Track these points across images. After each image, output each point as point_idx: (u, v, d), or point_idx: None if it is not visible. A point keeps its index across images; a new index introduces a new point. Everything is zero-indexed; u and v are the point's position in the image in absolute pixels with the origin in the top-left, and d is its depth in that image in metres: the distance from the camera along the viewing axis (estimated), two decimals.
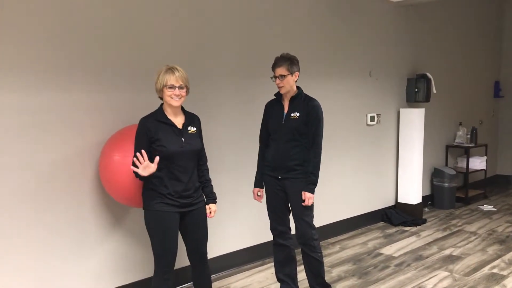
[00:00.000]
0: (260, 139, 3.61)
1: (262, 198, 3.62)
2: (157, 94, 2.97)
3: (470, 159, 6.93)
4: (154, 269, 2.98)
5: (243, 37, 4.25)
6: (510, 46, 8.12)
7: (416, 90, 6.06)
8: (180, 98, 2.90)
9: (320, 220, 5.09)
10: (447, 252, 4.81)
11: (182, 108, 3.02)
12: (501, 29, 8.19)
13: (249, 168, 4.30)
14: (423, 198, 6.26)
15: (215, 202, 3.16)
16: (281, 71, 3.32)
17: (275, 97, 3.52)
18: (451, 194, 6.61)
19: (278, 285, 3.70)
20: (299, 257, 3.56)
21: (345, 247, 4.98)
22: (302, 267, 3.58)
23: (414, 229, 5.65)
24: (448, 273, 4.23)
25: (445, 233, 5.46)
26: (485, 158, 7.16)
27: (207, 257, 3.15)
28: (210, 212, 3.14)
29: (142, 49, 3.56)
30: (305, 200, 3.37)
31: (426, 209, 6.52)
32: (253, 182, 3.64)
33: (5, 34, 2.90)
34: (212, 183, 3.17)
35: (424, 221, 5.91)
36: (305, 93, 3.47)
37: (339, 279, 4.12)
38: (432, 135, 6.59)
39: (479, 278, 4.11)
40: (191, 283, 3.33)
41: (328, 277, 4.11)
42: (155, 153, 2.85)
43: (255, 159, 3.63)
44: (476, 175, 7.34)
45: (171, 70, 2.88)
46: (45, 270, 3.17)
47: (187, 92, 2.95)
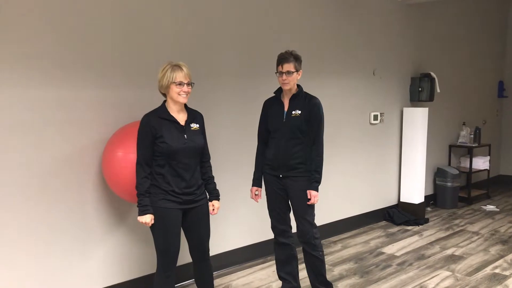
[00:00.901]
0: (259, 137, 3.56)
1: (260, 197, 3.58)
2: (160, 90, 2.96)
3: (473, 159, 6.92)
4: (157, 265, 2.98)
5: (246, 35, 4.25)
6: None
7: (420, 89, 6.05)
8: (187, 95, 2.91)
9: (322, 218, 5.09)
10: (449, 251, 4.80)
11: (185, 105, 3.02)
12: (506, 28, 8.16)
13: (250, 166, 4.28)
14: (425, 197, 6.25)
15: (218, 199, 3.16)
16: (289, 67, 3.27)
17: (274, 94, 3.49)
18: (454, 193, 6.61)
19: (280, 283, 3.70)
20: (300, 255, 3.56)
21: (347, 246, 4.98)
22: (303, 265, 3.58)
23: (416, 228, 5.65)
24: (450, 273, 4.23)
25: (447, 233, 5.46)
26: (488, 158, 7.14)
27: (209, 254, 3.15)
28: (213, 209, 3.14)
29: (145, 47, 3.56)
30: (310, 199, 3.34)
31: (429, 209, 6.51)
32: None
33: (10, 31, 2.91)
34: (215, 180, 3.17)
35: (427, 221, 5.90)
36: (304, 91, 3.44)
37: (341, 277, 4.13)
38: (435, 134, 6.58)
39: (481, 278, 4.10)
40: (193, 280, 3.34)
41: (329, 276, 4.11)
42: (157, 150, 2.86)
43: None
44: (479, 175, 7.32)
45: (178, 67, 2.88)
46: (48, 266, 3.18)
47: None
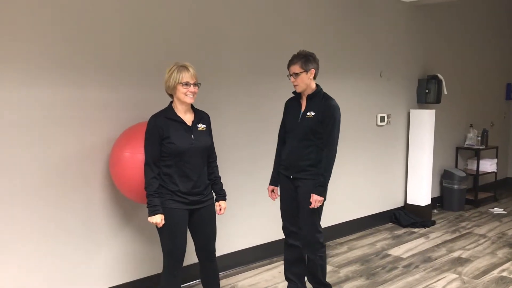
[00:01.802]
0: (279, 136, 3.54)
1: (276, 196, 3.55)
2: (167, 91, 2.98)
3: (481, 161, 6.88)
4: (163, 265, 2.99)
5: (253, 36, 4.26)
6: None
7: (427, 91, 6.03)
8: (194, 95, 2.92)
9: (328, 220, 5.09)
10: (456, 254, 4.78)
11: (192, 106, 3.03)
12: None
13: (257, 166, 4.31)
14: (432, 199, 6.22)
15: (225, 199, 3.17)
16: (294, 69, 3.26)
17: (293, 94, 3.45)
18: (461, 196, 6.58)
19: (286, 284, 3.70)
20: None
21: (353, 248, 4.97)
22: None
23: (422, 230, 5.63)
24: (457, 276, 4.21)
25: (454, 235, 5.43)
26: (495, 160, 7.10)
27: (215, 255, 3.15)
28: (220, 209, 3.15)
29: (153, 47, 3.58)
30: (312, 202, 3.26)
31: (435, 211, 6.49)
32: (261, 180, 3.64)
33: (19, 31, 2.93)
34: (221, 181, 3.18)
35: (433, 223, 5.88)
36: (324, 91, 3.37)
37: (347, 279, 4.12)
38: (442, 136, 6.56)
39: (488, 281, 4.08)
40: (199, 280, 3.34)
41: (335, 277, 4.11)
42: (165, 151, 2.87)
43: (263, 158, 3.64)
44: (486, 177, 7.29)
45: (185, 67, 2.89)
46: (54, 264, 3.20)
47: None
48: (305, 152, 3.30)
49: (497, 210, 6.59)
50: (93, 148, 3.31)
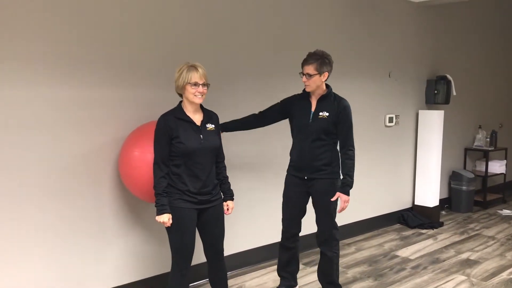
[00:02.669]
0: (264, 111, 3.54)
1: None
2: (177, 91, 2.99)
3: (489, 163, 6.84)
4: (172, 264, 3.00)
5: (262, 36, 4.26)
6: None
7: (436, 92, 6.00)
8: (203, 96, 2.92)
9: (336, 220, 5.08)
10: (464, 256, 4.76)
11: (201, 106, 3.04)
12: None
13: (265, 166, 4.31)
14: (440, 201, 6.19)
15: (232, 199, 3.18)
16: (308, 69, 3.24)
17: (303, 92, 3.44)
18: (469, 197, 6.54)
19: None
20: (310, 258, 3.56)
21: (361, 248, 4.96)
22: (305, 264, 3.57)
23: (431, 232, 5.60)
24: (466, 277, 4.19)
25: (462, 237, 5.40)
26: (504, 162, 7.06)
27: (223, 254, 3.16)
28: (228, 209, 3.16)
29: (162, 47, 3.59)
30: (339, 202, 3.36)
31: (443, 212, 6.46)
32: (269, 180, 3.62)
33: (30, 30, 2.95)
34: (229, 180, 3.19)
35: (441, 224, 5.85)
36: (334, 92, 3.40)
37: (355, 280, 4.11)
38: (451, 137, 6.52)
39: (497, 283, 4.06)
40: (207, 279, 3.35)
41: (343, 278, 4.10)
42: (174, 150, 2.88)
43: (272, 158, 3.62)
44: (495, 179, 7.24)
45: (194, 67, 2.90)
46: (64, 263, 3.23)
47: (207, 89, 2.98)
48: (319, 152, 3.33)
49: (506, 212, 6.54)
50: (103, 148, 3.33)
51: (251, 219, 4.33)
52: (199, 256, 3.45)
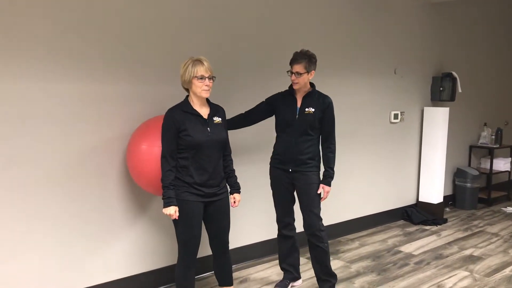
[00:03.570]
0: (250, 110, 3.64)
1: None
2: (183, 85, 3.03)
3: (494, 160, 6.84)
4: (178, 256, 3.05)
5: (267, 34, 4.28)
6: None
7: (441, 89, 6.01)
8: (209, 89, 2.96)
9: (340, 216, 5.12)
10: (467, 252, 4.78)
11: (207, 99, 3.08)
12: None
13: (268, 162, 4.34)
14: (444, 197, 6.21)
15: (239, 192, 3.22)
16: (298, 68, 3.35)
17: (288, 89, 3.56)
18: (473, 194, 6.55)
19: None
20: (305, 248, 3.60)
21: (364, 244, 4.99)
22: (308, 258, 3.61)
23: (434, 228, 5.63)
24: (468, 273, 4.21)
25: (466, 233, 5.43)
26: (509, 159, 7.05)
27: (228, 247, 3.21)
28: (235, 202, 3.20)
29: (169, 43, 3.63)
30: (322, 193, 3.49)
31: (447, 209, 6.47)
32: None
33: (40, 27, 3.00)
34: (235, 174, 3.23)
35: (445, 221, 5.87)
36: (317, 89, 3.54)
37: (358, 274, 4.15)
38: (456, 134, 6.53)
39: (499, 279, 4.08)
40: (212, 272, 3.40)
41: (347, 272, 4.14)
42: (181, 143, 2.92)
43: None
44: (499, 176, 7.24)
45: (199, 61, 2.93)
46: (71, 254, 3.28)
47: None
48: (304, 146, 3.46)
49: (510, 210, 6.55)
50: (111, 141, 3.37)
51: (256, 213, 4.37)
52: (204, 249, 3.50)
